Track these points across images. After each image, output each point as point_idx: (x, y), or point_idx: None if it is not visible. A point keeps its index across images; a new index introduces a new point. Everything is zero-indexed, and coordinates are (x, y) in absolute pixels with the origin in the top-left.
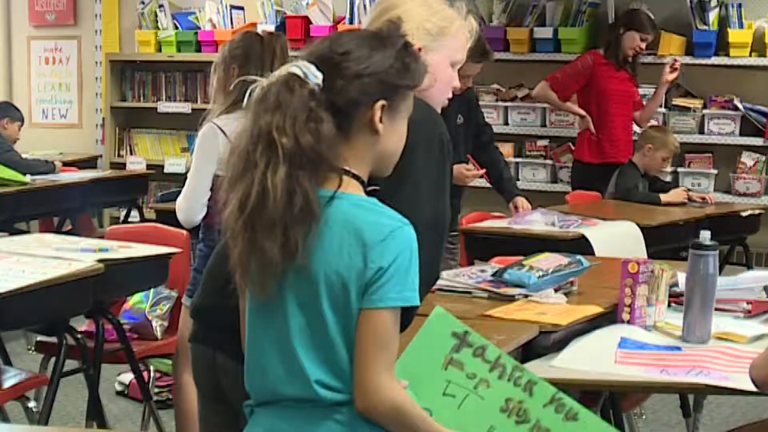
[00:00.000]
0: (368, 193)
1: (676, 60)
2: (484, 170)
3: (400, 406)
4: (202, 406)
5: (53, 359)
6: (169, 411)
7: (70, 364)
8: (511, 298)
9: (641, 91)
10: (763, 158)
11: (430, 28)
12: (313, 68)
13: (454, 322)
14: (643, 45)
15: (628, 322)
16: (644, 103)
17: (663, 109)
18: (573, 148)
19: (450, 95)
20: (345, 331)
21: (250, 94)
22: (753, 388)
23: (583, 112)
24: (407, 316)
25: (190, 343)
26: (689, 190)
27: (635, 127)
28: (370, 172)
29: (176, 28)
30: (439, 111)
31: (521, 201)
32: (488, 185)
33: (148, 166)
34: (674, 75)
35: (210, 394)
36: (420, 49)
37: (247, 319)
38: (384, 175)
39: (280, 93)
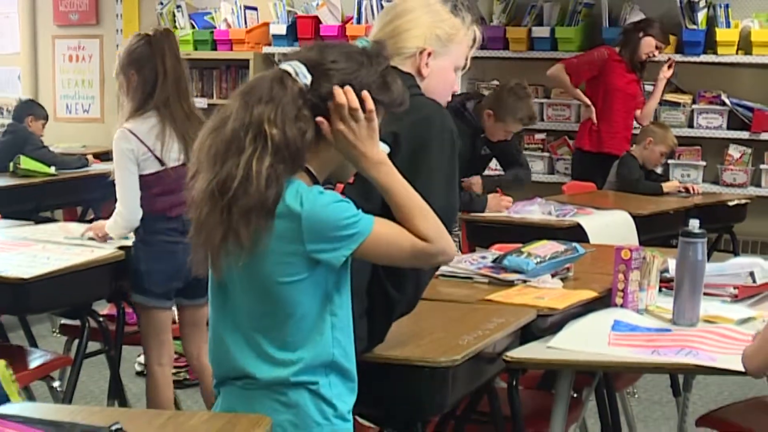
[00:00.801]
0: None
1: (670, 58)
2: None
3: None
4: None
5: (76, 341)
6: (186, 390)
7: (93, 345)
8: (510, 283)
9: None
10: (749, 151)
11: (441, 35)
12: (304, 69)
13: None
14: (657, 52)
15: (621, 305)
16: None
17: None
18: (569, 141)
19: (450, 98)
20: (291, 305)
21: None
22: (740, 368)
23: (588, 102)
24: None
25: None
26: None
27: (635, 123)
28: (328, 173)
29: (193, 27)
30: None
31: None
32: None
33: None
34: (671, 72)
35: None
36: (430, 53)
37: (210, 297)
38: (343, 182)
39: (273, 87)
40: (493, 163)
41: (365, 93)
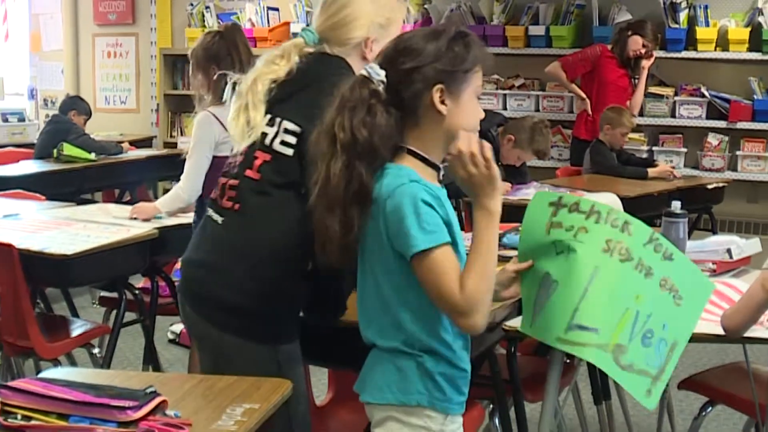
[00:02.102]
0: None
1: (646, 45)
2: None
3: (480, 292)
4: None
5: (114, 312)
6: None
7: (129, 316)
8: (508, 259)
9: None
10: (726, 138)
11: (381, 22)
12: (376, 67)
13: (548, 195)
14: (644, 50)
15: None
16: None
17: (635, 117)
18: (563, 130)
19: None
20: (396, 288)
21: (232, 87)
22: (716, 332)
23: (583, 95)
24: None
25: None
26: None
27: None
28: (443, 148)
29: None
30: None
31: None
32: None
33: None
34: (650, 61)
35: None
36: (373, 41)
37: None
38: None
39: (344, 94)
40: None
41: (485, 144)
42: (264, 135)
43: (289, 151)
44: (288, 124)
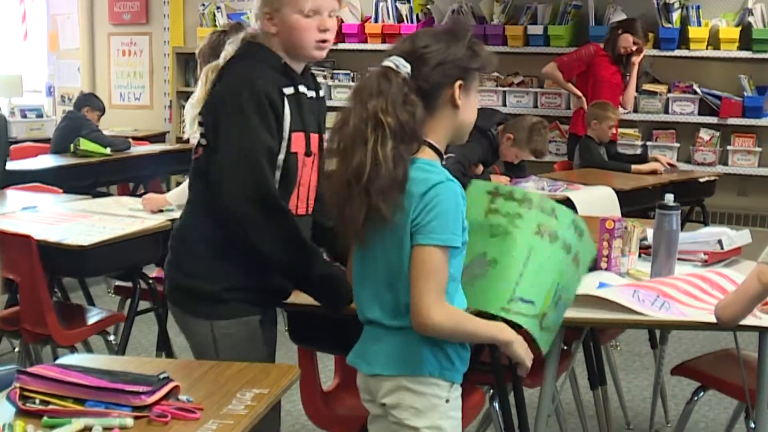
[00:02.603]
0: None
1: (635, 41)
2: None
3: (451, 321)
4: None
5: (129, 300)
6: None
7: (143, 304)
8: None
9: None
10: (718, 134)
11: None
12: (402, 61)
13: (485, 184)
14: (634, 47)
15: (606, 269)
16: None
17: (635, 94)
18: (560, 125)
19: (323, 38)
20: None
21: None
22: (708, 320)
23: (579, 93)
24: None
25: None
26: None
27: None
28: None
29: None
30: (314, 56)
31: None
32: None
33: None
34: (640, 56)
35: None
36: (269, 16)
37: (353, 264)
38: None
39: (381, 83)
40: None
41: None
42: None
43: (203, 141)
44: (200, 117)
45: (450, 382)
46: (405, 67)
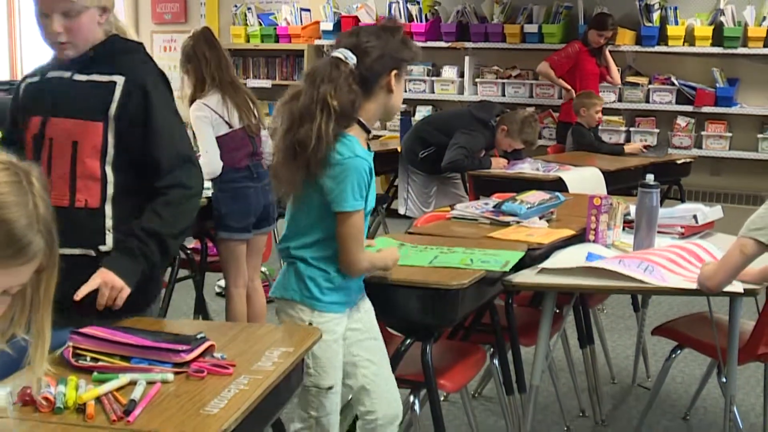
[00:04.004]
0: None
1: (603, 35)
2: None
3: (369, 263)
4: None
5: (169, 269)
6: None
7: (182, 272)
8: (506, 224)
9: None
10: (693, 121)
11: None
12: (350, 53)
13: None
14: (602, 40)
15: (593, 241)
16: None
17: (620, 85)
18: (553, 113)
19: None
20: (311, 205)
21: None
22: (686, 286)
23: (569, 87)
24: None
25: None
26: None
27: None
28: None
29: (260, 24)
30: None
31: None
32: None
33: None
34: (604, 39)
35: None
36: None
37: (287, 213)
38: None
39: (332, 71)
40: None
41: None
42: None
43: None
44: None
45: (311, 308)
46: (352, 59)
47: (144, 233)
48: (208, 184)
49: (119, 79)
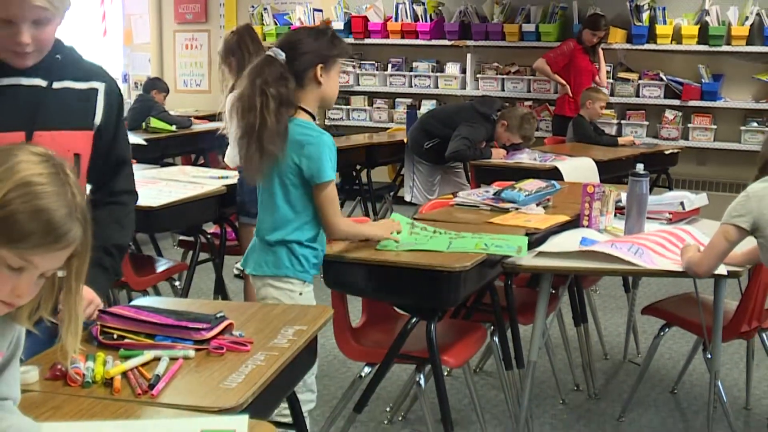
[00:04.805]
0: None
1: (596, 35)
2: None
3: (351, 229)
4: None
5: (191, 252)
6: None
7: (203, 255)
8: (506, 210)
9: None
10: (680, 114)
11: None
12: (279, 50)
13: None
14: (595, 39)
15: (587, 226)
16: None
17: (611, 80)
18: (549, 107)
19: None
20: (293, 197)
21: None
22: (673, 269)
23: (564, 82)
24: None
25: None
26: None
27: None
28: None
29: (276, 24)
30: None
31: None
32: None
33: None
34: (596, 39)
35: None
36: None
37: (258, 197)
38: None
39: (264, 67)
40: None
41: None
42: None
43: None
44: None
45: (302, 280)
46: (281, 55)
47: (116, 249)
48: (233, 172)
49: (100, 86)
